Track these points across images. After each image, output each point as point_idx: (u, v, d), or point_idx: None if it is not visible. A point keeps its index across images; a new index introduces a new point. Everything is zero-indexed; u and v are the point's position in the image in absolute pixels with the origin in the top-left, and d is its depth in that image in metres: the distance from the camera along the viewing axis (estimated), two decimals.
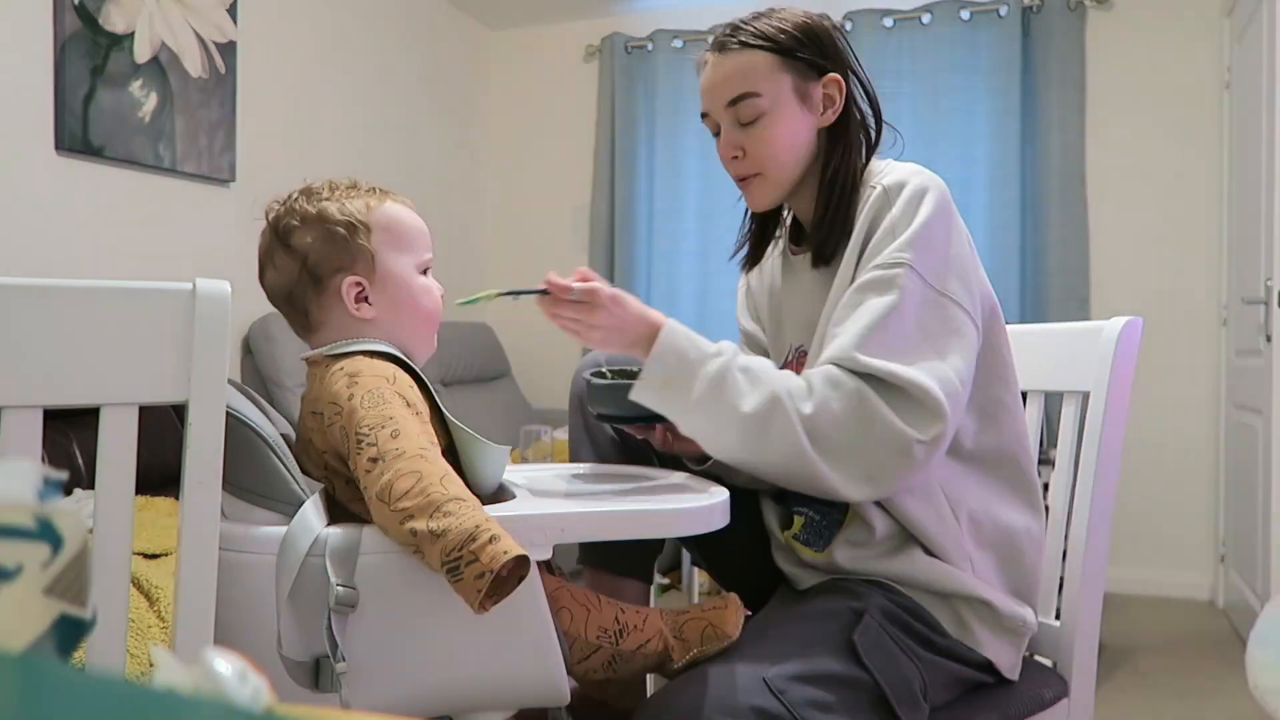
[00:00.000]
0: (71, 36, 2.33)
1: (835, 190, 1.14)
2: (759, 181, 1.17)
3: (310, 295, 1.00)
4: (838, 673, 0.98)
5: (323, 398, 0.94)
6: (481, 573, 0.76)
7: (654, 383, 1.04)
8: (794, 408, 1.00)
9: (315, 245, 0.99)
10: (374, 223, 1.00)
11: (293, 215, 1.00)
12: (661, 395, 1.04)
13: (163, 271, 2.61)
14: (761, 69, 1.14)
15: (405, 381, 0.95)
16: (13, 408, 0.72)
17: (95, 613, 0.37)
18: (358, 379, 0.92)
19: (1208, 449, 3.27)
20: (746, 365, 1.04)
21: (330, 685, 0.84)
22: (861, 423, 0.99)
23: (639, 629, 1.01)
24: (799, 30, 1.15)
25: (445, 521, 0.78)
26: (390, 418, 0.87)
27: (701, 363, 1.04)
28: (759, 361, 1.06)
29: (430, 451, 0.86)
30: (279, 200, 1.03)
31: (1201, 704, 2.30)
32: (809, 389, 1.02)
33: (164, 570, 1.60)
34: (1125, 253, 3.35)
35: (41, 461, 0.43)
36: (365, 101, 3.47)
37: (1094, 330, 1.24)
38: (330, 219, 0.99)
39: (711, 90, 1.17)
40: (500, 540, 0.78)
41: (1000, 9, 3.36)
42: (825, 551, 1.15)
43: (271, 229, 1.01)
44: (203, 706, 0.26)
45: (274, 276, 1.02)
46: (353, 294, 0.99)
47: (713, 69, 1.17)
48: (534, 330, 4.09)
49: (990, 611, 1.10)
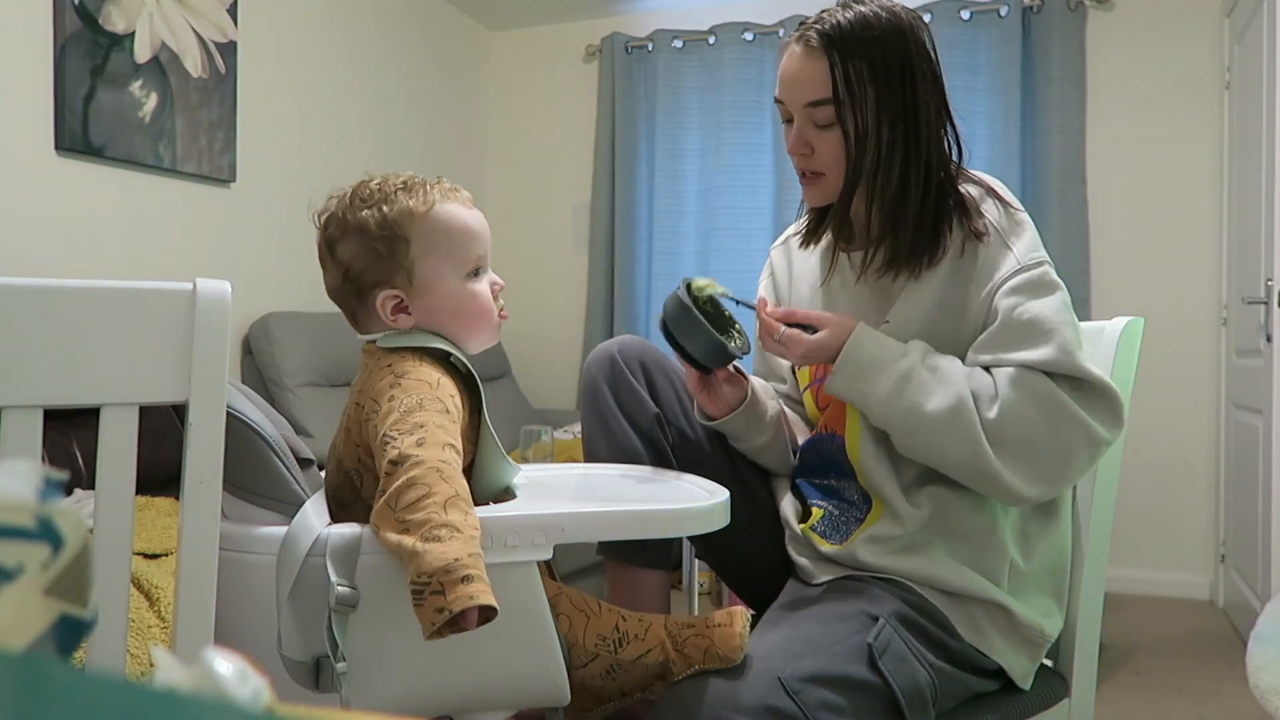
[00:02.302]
0: (71, 36, 2.32)
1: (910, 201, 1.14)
2: (822, 180, 1.19)
3: (354, 303, 1.02)
4: (853, 676, 0.98)
5: (367, 391, 0.95)
6: (441, 607, 0.75)
7: (847, 375, 1.10)
8: (978, 408, 1.05)
9: (356, 259, 0.99)
10: (416, 234, 0.98)
11: (336, 225, 1.00)
12: (852, 385, 1.10)
13: (163, 271, 2.61)
14: (847, 77, 1.12)
15: (447, 390, 0.94)
16: (13, 408, 0.72)
17: (95, 613, 0.37)
18: (402, 381, 0.92)
19: (1208, 449, 3.27)
20: (935, 365, 1.08)
21: (330, 685, 0.84)
22: (1051, 422, 1.04)
23: (640, 638, 0.99)
24: (890, 37, 1.12)
25: (429, 545, 0.78)
26: (420, 425, 0.87)
27: (890, 361, 1.09)
28: (946, 360, 1.09)
29: (449, 467, 0.84)
30: (334, 196, 1.02)
31: (1201, 704, 2.30)
32: (995, 391, 1.06)
33: (164, 570, 1.60)
34: (1125, 253, 3.35)
35: (41, 461, 0.43)
36: (365, 102, 3.47)
37: (1094, 330, 1.24)
38: (369, 233, 0.97)
39: (794, 85, 1.16)
40: (473, 583, 0.76)
41: (1000, 9, 3.36)
42: (844, 544, 1.15)
43: (321, 234, 1.02)
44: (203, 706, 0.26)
45: (327, 279, 1.03)
46: (389, 306, 0.99)
47: (799, 63, 1.15)
48: (534, 330, 4.09)
49: (1006, 617, 1.10)
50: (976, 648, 1.09)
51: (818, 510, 1.21)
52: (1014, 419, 1.04)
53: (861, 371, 1.09)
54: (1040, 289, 1.09)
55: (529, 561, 0.89)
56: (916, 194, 1.14)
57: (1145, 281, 3.33)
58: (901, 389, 1.07)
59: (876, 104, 1.12)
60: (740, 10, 3.76)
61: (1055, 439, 1.04)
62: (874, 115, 1.12)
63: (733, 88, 3.67)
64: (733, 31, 3.70)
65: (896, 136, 1.13)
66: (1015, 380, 1.05)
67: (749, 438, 1.26)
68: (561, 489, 1.09)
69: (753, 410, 1.24)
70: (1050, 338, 1.05)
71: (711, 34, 3.76)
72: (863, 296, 1.21)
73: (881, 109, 1.12)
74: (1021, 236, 1.12)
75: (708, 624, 1.01)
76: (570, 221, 4.10)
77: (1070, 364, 1.04)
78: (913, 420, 1.07)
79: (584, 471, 1.23)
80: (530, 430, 2.71)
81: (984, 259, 1.12)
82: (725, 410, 1.22)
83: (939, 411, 1.05)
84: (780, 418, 1.30)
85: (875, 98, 1.12)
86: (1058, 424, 1.04)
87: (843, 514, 1.18)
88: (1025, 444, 1.04)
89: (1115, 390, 1.06)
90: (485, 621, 0.78)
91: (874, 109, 1.12)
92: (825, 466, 1.23)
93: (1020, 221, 1.14)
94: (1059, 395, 1.04)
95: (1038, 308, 1.07)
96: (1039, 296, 1.08)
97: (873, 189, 1.15)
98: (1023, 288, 1.09)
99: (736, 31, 3.69)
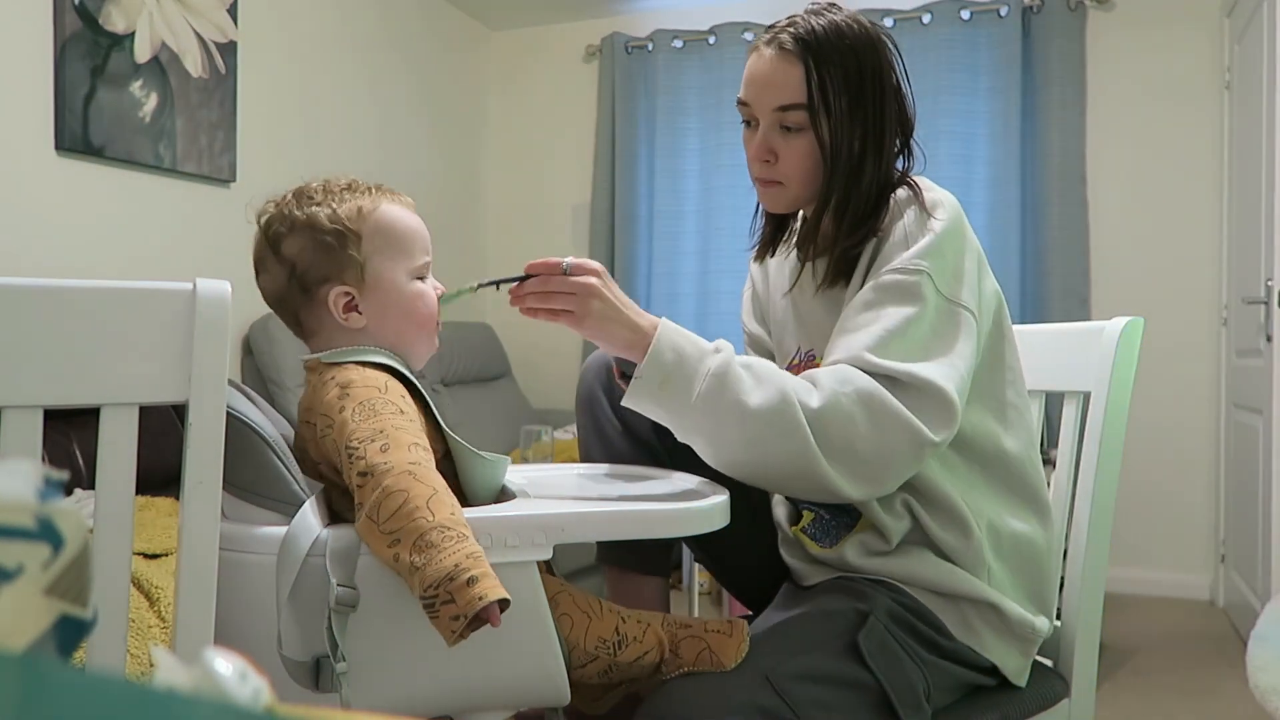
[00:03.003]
0: (72, 36, 2.33)
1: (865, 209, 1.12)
2: (780, 189, 1.15)
3: (300, 302, 0.99)
4: (841, 673, 0.98)
5: (315, 408, 0.93)
6: (457, 615, 0.75)
7: (652, 383, 1.01)
8: (801, 403, 0.98)
9: (304, 254, 0.97)
10: (366, 230, 0.97)
11: (282, 221, 0.98)
12: (660, 396, 1.01)
13: (163, 271, 2.61)
14: (822, 83, 1.09)
15: (397, 391, 0.93)
16: (13, 408, 0.72)
17: (96, 613, 0.37)
18: (349, 390, 0.90)
19: (1208, 449, 3.27)
20: (748, 363, 1.03)
21: (330, 685, 0.84)
22: (874, 420, 0.98)
23: (638, 640, 0.99)
24: (862, 47, 1.10)
25: (426, 555, 0.77)
26: (381, 430, 0.86)
27: (702, 359, 1.01)
28: (759, 360, 1.05)
29: (420, 467, 0.83)
30: (273, 200, 1.00)
31: (1201, 704, 2.30)
32: (816, 386, 1.00)
33: (164, 570, 1.60)
34: (1125, 253, 3.35)
35: (42, 461, 0.43)
36: (365, 101, 3.47)
37: (1094, 330, 1.24)
38: (320, 227, 0.96)
39: (764, 87, 1.12)
40: (479, 583, 0.76)
41: (1000, 9, 3.36)
42: (834, 548, 1.15)
43: (262, 233, 0.99)
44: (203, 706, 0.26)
45: (266, 281, 1.00)
46: (340, 304, 0.97)
47: (770, 66, 1.11)
48: (534, 330, 4.09)
49: (998, 616, 1.10)
50: (969, 646, 1.09)
51: (808, 513, 1.21)
52: (836, 411, 0.98)
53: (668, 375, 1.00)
54: (898, 296, 1.04)
55: (529, 561, 0.89)
56: (869, 200, 1.12)
57: (1145, 281, 3.33)
58: (720, 388, 0.99)
59: (849, 113, 1.10)
60: (740, 10, 3.76)
61: (878, 437, 0.98)
62: (846, 124, 1.10)
63: (733, 88, 3.63)
64: (733, 31, 3.70)
65: (865, 147, 1.11)
66: (839, 375, 1.00)
67: None
68: (561, 489, 1.09)
69: None
70: (874, 334, 1.01)
71: (711, 34, 3.76)
72: (821, 307, 1.18)
73: (853, 118, 1.10)
74: (922, 241, 1.06)
75: (706, 628, 1.00)
76: (570, 221, 4.10)
77: (875, 364, 0.99)
78: (733, 419, 0.99)
79: (583, 471, 1.23)
80: (530, 430, 2.71)
81: (883, 258, 1.08)
82: None
83: (762, 408, 0.98)
84: None
85: (847, 107, 1.10)
86: (878, 420, 0.98)
87: (833, 518, 1.18)
88: (847, 443, 0.98)
89: (943, 388, 0.99)
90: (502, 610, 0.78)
91: (846, 118, 1.10)
92: None
93: (929, 229, 1.07)
94: (881, 393, 0.98)
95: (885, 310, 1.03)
96: (892, 303, 1.03)
97: (841, 199, 1.12)
98: (886, 286, 1.04)
99: (736, 31, 3.69)
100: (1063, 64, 3.33)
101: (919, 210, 1.09)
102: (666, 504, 0.99)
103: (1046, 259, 3.35)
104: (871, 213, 1.12)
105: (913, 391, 0.99)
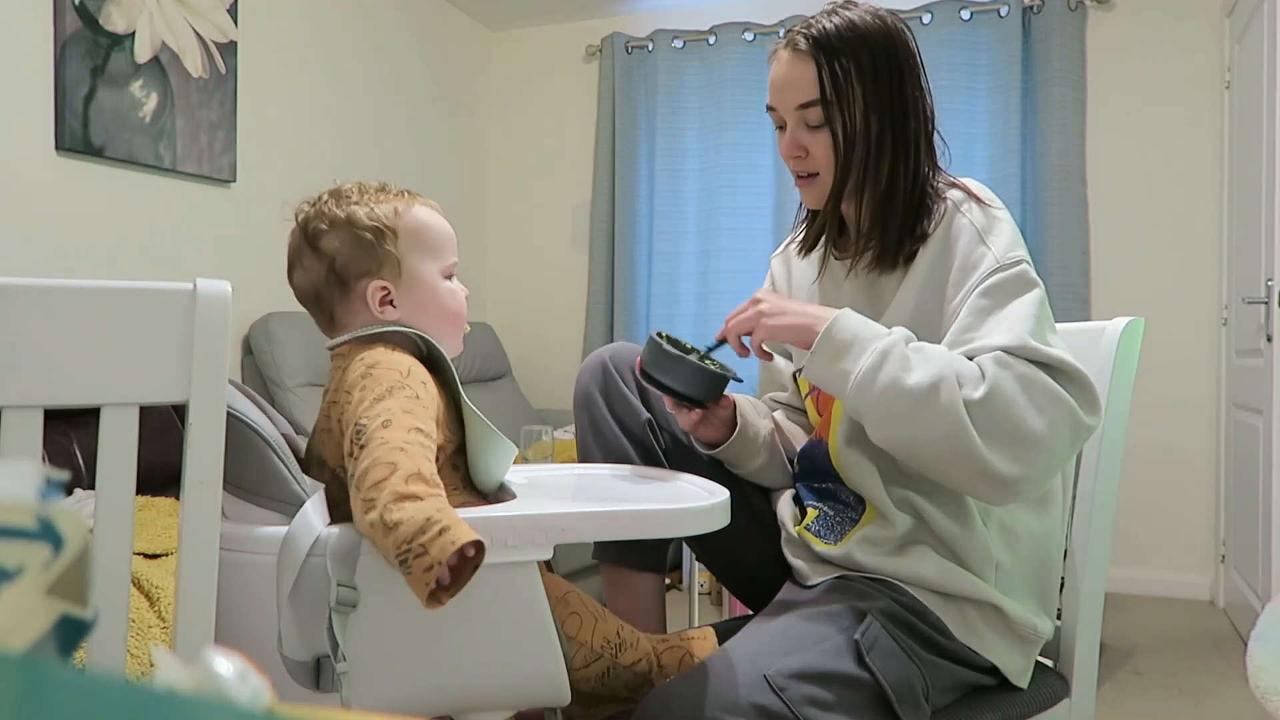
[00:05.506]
0: (72, 36, 2.33)
1: (898, 199, 1.15)
2: (817, 181, 1.19)
3: (336, 297, 1.02)
4: (839, 672, 0.98)
5: (342, 386, 0.95)
6: (430, 565, 0.74)
7: (825, 355, 1.06)
8: (961, 385, 1.01)
9: (343, 249, 1.00)
10: (401, 228, 1.01)
11: (321, 218, 1.01)
12: (831, 368, 1.06)
13: (163, 271, 2.61)
14: (835, 77, 1.13)
15: (418, 377, 0.95)
16: (13, 408, 0.72)
17: (96, 613, 0.37)
18: (374, 370, 0.93)
19: (1208, 449, 3.27)
20: (919, 346, 1.06)
21: (331, 685, 0.84)
22: (1038, 404, 1.00)
23: (634, 646, 1.03)
24: (876, 37, 1.14)
25: (399, 514, 0.77)
26: (389, 409, 0.87)
27: (873, 339, 1.05)
28: (932, 345, 1.07)
29: (414, 447, 0.84)
30: (309, 201, 1.04)
31: (1201, 704, 2.30)
32: (980, 370, 1.02)
33: (164, 570, 1.60)
34: (1125, 253, 3.35)
35: (42, 461, 0.43)
36: (365, 102, 3.47)
37: (1094, 330, 1.24)
38: (358, 224, 1.00)
39: (783, 90, 1.17)
40: (450, 530, 0.76)
41: (1000, 9, 3.36)
42: (839, 544, 1.15)
43: (300, 230, 1.03)
44: (203, 706, 0.26)
45: (301, 277, 1.03)
46: (377, 297, 1.00)
47: (786, 68, 1.16)
48: (534, 330, 4.09)
49: (999, 616, 1.10)
50: (970, 646, 1.09)
51: (813, 511, 1.21)
52: (999, 399, 0.99)
53: (840, 350, 1.06)
54: (1017, 288, 1.07)
55: (529, 561, 0.89)
56: (904, 190, 1.15)
57: (1145, 281, 3.33)
58: (880, 365, 1.03)
59: (865, 102, 1.13)
60: (740, 10, 3.76)
61: (1040, 420, 1.00)
62: (862, 113, 1.13)
63: (733, 88, 3.67)
64: (733, 31, 3.70)
65: (885, 132, 1.14)
66: (999, 360, 1.02)
67: (745, 463, 1.27)
68: (561, 489, 1.09)
69: (745, 436, 1.25)
70: (1017, 326, 1.04)
71: (712, 34, 3.76)
72: (853, 295, 1.21)
73: (870, 106, 1.14)
74: (1000, 235, 1.11)
75: (681, 637, 1.07)
76: (570, 221, 4.10)
77: (1036, 350, 1.01)
78: (889, 396, 1.02)
79: (583, 472, 1.23)
80: (530, 430, 2.71)
81: (962, 258, 1.11)
82: (725, 432, 1.24)
83: (919, 386, 1.00)
84: (773, 437, 1.30)
85: (863, 95, 1.13)
86: (1043, 405, 1.00)
87: (838, 514, 1.18)
88: (1009, 425, 0.99)
89: (1089, 377, 1.03)
90: (477, 567, 0.78)
91: (862, 107, 1.13)
92: (819, 472, 1.23)
93: (998, 219, 1.12)
94: (1042, 376, 1.01)
95: (1012, 304, 1.06)
96: (1016, 295, 1.07)
97: (862, 186, 1.16)
98: (999, 286, 1.07)
99: (736, 31, 3.69)
100: (1063, 64, 3.33)
101: (979, 205, 1.14)
102: (667, 504, 0.99)
103: (1046, 259, 3.35)
104: (917, 206, 1.15)
105: (1064, 377, 1.02)
